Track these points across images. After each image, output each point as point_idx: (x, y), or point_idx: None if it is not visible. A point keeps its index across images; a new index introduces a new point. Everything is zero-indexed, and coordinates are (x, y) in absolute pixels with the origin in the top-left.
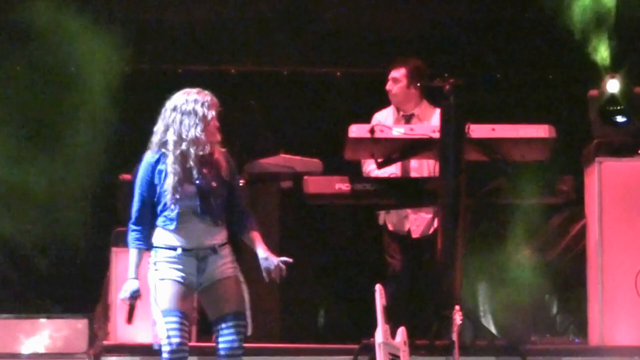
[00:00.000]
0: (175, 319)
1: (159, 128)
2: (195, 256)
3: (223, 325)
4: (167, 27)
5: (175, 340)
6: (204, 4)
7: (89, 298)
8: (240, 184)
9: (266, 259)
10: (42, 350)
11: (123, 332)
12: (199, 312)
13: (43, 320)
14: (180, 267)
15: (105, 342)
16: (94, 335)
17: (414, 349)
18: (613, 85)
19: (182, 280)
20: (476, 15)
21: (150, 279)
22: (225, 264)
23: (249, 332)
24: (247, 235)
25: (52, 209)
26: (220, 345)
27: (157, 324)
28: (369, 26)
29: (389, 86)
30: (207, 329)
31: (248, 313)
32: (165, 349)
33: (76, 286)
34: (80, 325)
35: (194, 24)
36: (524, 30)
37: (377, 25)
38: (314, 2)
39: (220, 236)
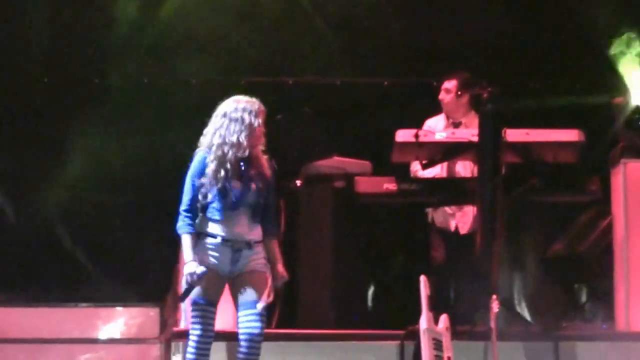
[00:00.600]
0: (203, 306)
1: (208, 131)
2: (231, 247)
3: (244, 313)
4: (232, 43)
5: (201, 327)
6: (263, 20)
7: (160, 289)
8: (297, 184)
9: (277, 270)
10: (117, 336)
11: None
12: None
13: (119, 309)
14: (216, 254)
15: (175, 329)
16: (164, 322)
17: (455, 335)
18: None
19: (214, 268)
20: (514, 29)
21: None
22: (256, 260)
23: (272, 324)
24: (269, 242)
25: (129, 207)
26: (241, 331)
27: (189, 308)
28: (413, 39)
29: (442, 96)
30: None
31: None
32: (193, 333)
33: (148, 278)
34: (152, 313)
35: (255, 40)
36: (555, 44)
37: (420, 38)
38: (367, 19)
39: (256, 233)
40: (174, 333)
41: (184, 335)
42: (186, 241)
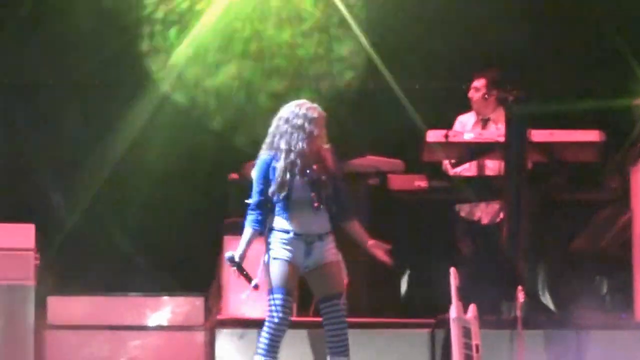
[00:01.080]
0: (280, 296)
1: (273, 134)
2: (304, 241)
3: (328, 304)
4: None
5: (279, 315)
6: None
7: (205, 279)
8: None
9: (373, 245)
10: (165, 324)
11: (233, 308)
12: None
13: (166, 298)
14: (290, 248)
15: (218, 317)
16: (209, 310)
17: (483, 323)
18: None
19: (290, 260)
20: (538, 34)
21: (265, 257)
22: (328, 250)
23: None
24: (349, 224)
25: (177, 202)
26: (326, 323)
27: (268, 297)
28: (445, 46)
29: (471, 94)
30: (305, 305)
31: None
32: (270, 320)
33: (194, 269)
34: (197, 302)
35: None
36: (580, 49)
37: (451, 44)
38: (402, 27)
39: (326, 225)
40: (218, 321)
41: (228, 323)
42: (244, 233)
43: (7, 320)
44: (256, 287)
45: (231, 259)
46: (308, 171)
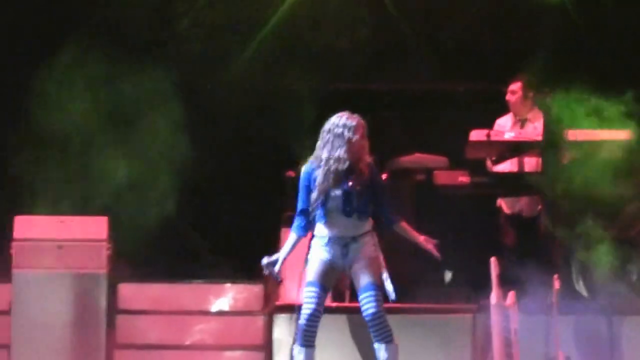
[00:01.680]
0: (314, 289)
1: (318, 146)
2: (339, 243)
3: (362, 295)
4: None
5: (311, 306)
6: (348, 29)
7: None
8: (384, 178)
9: (424, 241)
10: (226, 309)
11: (291, 294)
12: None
13: (228, 285)
14: (328, 249)
15: (277, 303)
16: (268, 297)
17: (521, 309)
18: None
19: (327, 261)
20: (576, 35)
21: (307, 256)
22: (365, 248)
23: (393, 298)
24: (397, 226)
25: (239, 196)
26: (363, 311)
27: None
28: (485, 47)
29: (508, 97)
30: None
31: (387, 284)
32: (304, 312)
33: (254, 258)
34: (257, 289)
35: (338, 48)
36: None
37: (490, 46)
38: (443, 28)
39: (361, 228)
40: (276, 307)
41: (285, 309)
42: (289, 238)
43: (82, 306)
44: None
45: (266, 265)
46: (344, 181)
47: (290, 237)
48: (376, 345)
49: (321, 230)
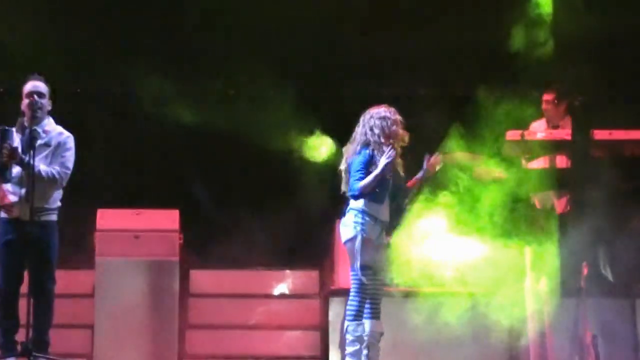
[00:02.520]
0: (370, 271)
1: (360, 131)
2: (380, 227)
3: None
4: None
5: (368, 288)
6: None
7: (320, 256)
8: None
9: (423, 170)
10: (286, 293)
11: (343, 280)
12: None
13: (287, 272)
14: (375, 232)
15: (331, 287)
16: (323, 282)
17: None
18: None
19: (375, 242)
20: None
21: (352, 234)
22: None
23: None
24: (406, 195)
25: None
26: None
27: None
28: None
29: (544, 105)
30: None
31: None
32: (361, 291)
33: (311, 247)
34: (313, 274)
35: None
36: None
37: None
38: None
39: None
40: (330, 291)
41: (339, 292)
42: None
43: (156, 290)
44: None
45: None
46: (389, 172)
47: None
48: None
49: (374, 211)
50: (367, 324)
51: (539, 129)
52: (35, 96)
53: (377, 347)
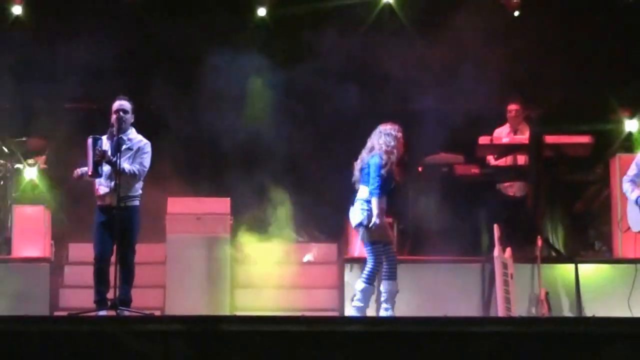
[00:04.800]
0: (380, 244)
1: (373, 141)
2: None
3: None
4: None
5: (381, 258)
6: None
7: (338, 230)
8: (419, 170)
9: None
10: (312, 260)
11: (354, 251)
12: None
13: (313, 244)
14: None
15: (345, 256)
16: (340, 252)
17: (515, 260)
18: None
19: (384, 222)
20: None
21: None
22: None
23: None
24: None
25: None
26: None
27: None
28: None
29: (509, 114)
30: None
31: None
32: (377, 261)
33: (330, 226)
34: (332, 246)
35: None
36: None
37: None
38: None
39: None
40: (345, 259)
41: (353, 260)
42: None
43: (213, 258)
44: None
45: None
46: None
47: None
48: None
49: (382, 203)
50: (384, 283)
51: (502, 134)
52: (121, 112)
53: (394, 302)
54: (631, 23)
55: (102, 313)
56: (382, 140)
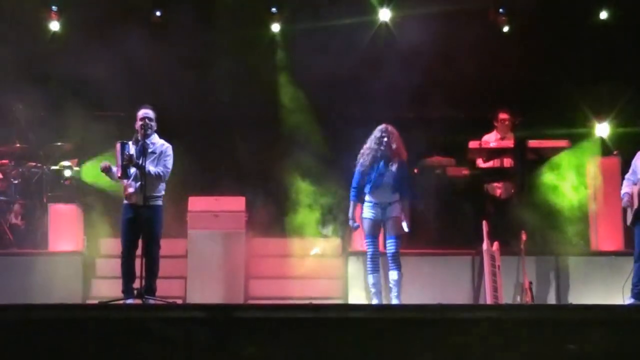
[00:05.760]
0: (371, 239)
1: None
2: (380, 206)
3: (388, 242)
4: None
5: (371, 250)
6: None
7: (342, 228)
8: (416, 171)
9: (402, 220)
10: (319, 253)
11: (356, 245)
12: None
13: (320, 238)
14: (373, 211)
15: (349, 250)
16: (344, 246)
17: (502, 252)
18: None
19: (373, 218)
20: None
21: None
22: (394, 209)
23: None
24: (403, 200)
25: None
26: (387, 252)
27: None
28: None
29: (500, 122)
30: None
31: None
32: (367, 253)
33: (335, 223)
34: (337, 241)
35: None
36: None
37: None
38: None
39: (393, 197)
40: (349, 252)
41: (355, 253)
42: (352, 205)
43: (229, 252)
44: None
45: (355, 228)
46: (382, 167)
47: (352, 204)
48: (390, 271)
49: (369, 197)
50: (391, 274)
51: (490, 139)
52: (146, 120)
53: (399, 289)
54: (604, 40)
55: (130, 301)
56: (371, 141)
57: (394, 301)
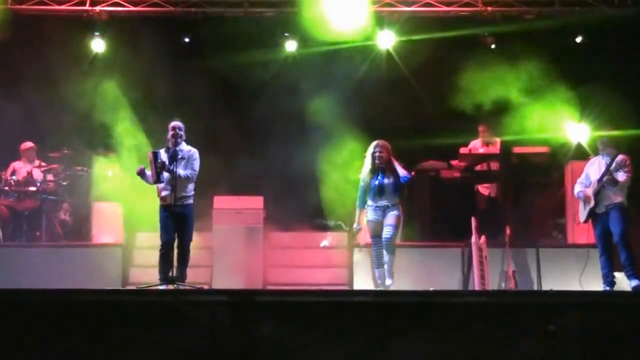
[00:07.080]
0: (375, 239)
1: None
2: (381, 209)
3: (385, 228)
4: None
5: (375, 249)
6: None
7: (348, 221)
8: (413, 174)
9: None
10: (328, 245)
11: (361, 238)
12: None
13: (328, 233)
14: (375, 213)
15: (355, 242)
16: (350, 239)
17: (488, 245)
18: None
19: (375, 220)
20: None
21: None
22: (393, 211)
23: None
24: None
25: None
26: (384, 235)
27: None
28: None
29: (480, 132)
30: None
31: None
32: (372, 249)
33: (344, 217)
34: (343, 235)
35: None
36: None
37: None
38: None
39: (392, 201)
40: (354, 244)
41: (359, 246)
42: (357, 213)
43: (249, 244)
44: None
45: (357, 230)
46: (379, 176)
47: (358, 210)
48: (384, 255)
49: (370, 202)
50: (384, 255)
51: (477, 145)
52: (177, 129)
53: (390, 267)
54: (579, 58)
55: (163, 287)
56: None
57: (387, 278)
